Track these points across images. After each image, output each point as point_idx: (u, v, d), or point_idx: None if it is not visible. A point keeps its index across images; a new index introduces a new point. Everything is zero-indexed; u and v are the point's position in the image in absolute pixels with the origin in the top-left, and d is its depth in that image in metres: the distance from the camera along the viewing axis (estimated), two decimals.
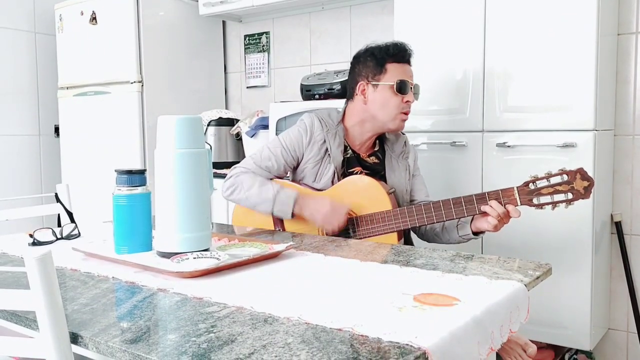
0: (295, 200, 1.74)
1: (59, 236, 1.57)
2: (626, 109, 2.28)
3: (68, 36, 3.33)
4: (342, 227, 1.74)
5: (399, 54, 1.81)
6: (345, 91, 2.54)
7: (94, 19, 3.17)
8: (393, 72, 1.79)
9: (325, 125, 1.84)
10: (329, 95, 2.61)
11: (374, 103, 1.81)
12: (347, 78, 2.55)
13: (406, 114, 1.82)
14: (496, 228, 1.64)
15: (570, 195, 1.59)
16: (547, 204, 1.60)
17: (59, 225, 1.73)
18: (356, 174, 1.84)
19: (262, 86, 3.45)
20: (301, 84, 2.73)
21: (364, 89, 1.83)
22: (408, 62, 1.84)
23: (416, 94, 1.85)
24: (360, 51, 1.88)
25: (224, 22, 3.58)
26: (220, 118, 3.10)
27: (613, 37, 2.22)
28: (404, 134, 1.96)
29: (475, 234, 1.72)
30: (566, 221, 2.03)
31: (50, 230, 1.58)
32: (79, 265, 1.30)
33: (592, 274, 2.05)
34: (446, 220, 1.71)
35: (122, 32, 3.07)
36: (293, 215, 1.75)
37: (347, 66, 2.99)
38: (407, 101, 1.80)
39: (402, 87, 1.78)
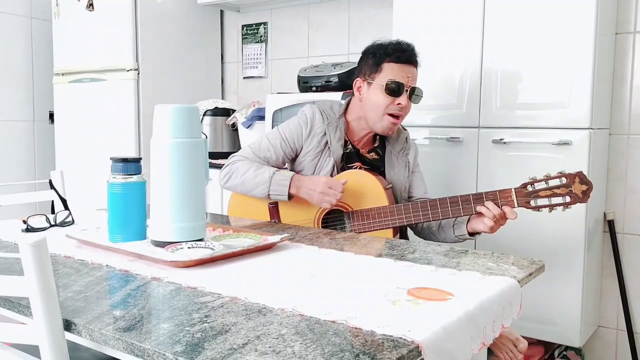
0: (291, 181, 1.74)
1: (52, 223, 1.57)
2: (622, 108, 2.29)
3: (64, 22, 3.30)
4: (340, 201, 1.73)
5: (395, 53, 1.75)
6: (343, 84, 2.57)
7: (90, 5, 3.15)
8: (388, 72, 1.75)
9: (327, 117, 1.83)
10: (326, 87, 2.61)
11: (367, 102, 1.79)
12: (344, 71, 2.59)
13: (397, 117, 1.77)
14: (492, 229, 1.62)
15: (568, 199, 1.57)
16: (545, 206, 1.59)
17: (53, 212, 1.72)
18: (355, 169, 1.84)
19: (259, 77, 3.44)
20: (298, 76, 2.72)
21: (360, 87, 1.81)
22: (409, 62, 1.76)
23: (417, 97, 1.79)
24: (368, 46, 1.83)
25: (221, 12, 3.56)
26: (216, 108, 3.09)
27: (611, 36, 2.23)
28: (405, 129, 1.94)
29: (471, 234, 1.71)
30: (559, 219, 2.04)
31: (44, 216, 1.57)
32: (72, 253, 1.29)
33: (584, 272, 2.06)
34: (442, 219, 1.71)
35: (119, 19, 3.05)
36: (290, 196, 1.75)
37: (345, 59, 3.02)
38: (399, 104, 1.74)
39: (392, 89, 1.73)
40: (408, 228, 1.91)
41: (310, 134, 1.82)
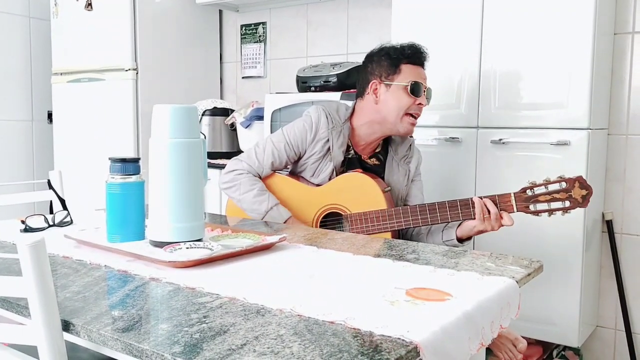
0: (285, 222, 1.75)
1: (51, 223, 1.57)
2: (620, 109, 2.29)
3: (63, 21, 3.30)
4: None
5: (414, 55, 1.79)
6: (341, 84, 2.56)
7: (89, 4, 3.15)
8: (407, 73, 1.77)
9: (332, 121, 1.82)
10: (324, 87, 2.60)
11: (386, 103, 1.78)
12: (343, 71, 2.58)
13: (416, 117, 1.80)
14: (483, 221, 1.62)
15: (567, 204, 1.57)
16: (544, 211, 1.59)
17: (51, 212, 1.72)
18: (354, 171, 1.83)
19: (257, 77, 3.44)
20: (297, 76, 2.72)
21: (376, 88, 1.80)
22: (422, 64, 1.81)
23: (428, 98, 1.82)
24: (374, 50, 1.85)
25: (220, 12, 3.56)
26: (215, 108, 3.09)
27: (610, 36, 2.23)
28: (411, 136, 1.94)
29: (460, 240, 1.71)
30: (558, 219, 2.03)
31: (42, 217, 1.57)
32: (71, 253, 1.29)
33: (582, 272, 2.06)
34: (441, 223, 1.70)
35: (118, 19, 3.04)
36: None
37: (344, 59, 3.02)
38: (420, 104, 1.78)
39: (415, 89, 1.76)
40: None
41: (314, 138, 1.81)
